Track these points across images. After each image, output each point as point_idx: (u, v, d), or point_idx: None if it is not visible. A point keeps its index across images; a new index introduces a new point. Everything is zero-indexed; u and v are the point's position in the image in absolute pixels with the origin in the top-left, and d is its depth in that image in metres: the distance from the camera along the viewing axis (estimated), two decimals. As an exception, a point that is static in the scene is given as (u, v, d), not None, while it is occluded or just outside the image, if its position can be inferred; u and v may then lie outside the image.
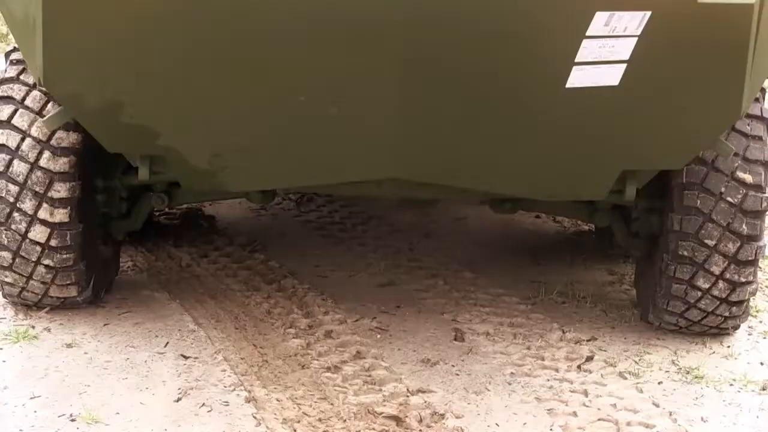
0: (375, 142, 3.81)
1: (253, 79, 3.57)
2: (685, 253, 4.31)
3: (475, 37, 3.37)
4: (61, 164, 4.17)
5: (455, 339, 4.51)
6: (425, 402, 3.91)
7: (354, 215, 6.14)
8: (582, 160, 3.94)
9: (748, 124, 4.27)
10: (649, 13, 3.30)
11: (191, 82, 3.59)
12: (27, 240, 4.23)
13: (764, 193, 4.25)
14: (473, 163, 3.96)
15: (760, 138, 4.28)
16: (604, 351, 4.50)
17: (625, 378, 4.24)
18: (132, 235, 5.12)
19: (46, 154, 4.15)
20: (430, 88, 3.54)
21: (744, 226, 4.24)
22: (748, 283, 4.38)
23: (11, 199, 4.17)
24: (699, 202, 4.25)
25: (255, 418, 3.74)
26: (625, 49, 3.41)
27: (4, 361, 4.13)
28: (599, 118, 3.70)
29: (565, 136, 3.78)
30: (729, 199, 4.23)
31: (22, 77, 4.25)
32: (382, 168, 3.97)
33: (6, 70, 4.33)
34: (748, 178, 4.23)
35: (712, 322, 4.54)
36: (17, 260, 4.28)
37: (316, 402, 3.87)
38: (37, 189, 4.15)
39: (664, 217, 4.48)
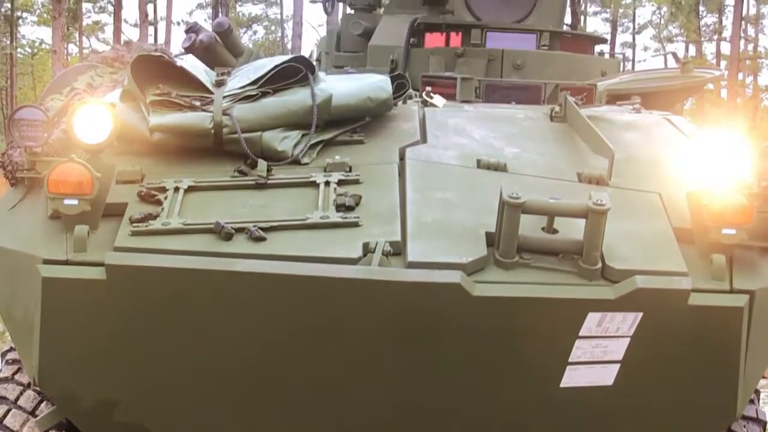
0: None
1: (250, 377, 3.58)
2: None
3: (471, 335, 3.41)
4: (50, 466, 4.10)
5: None
6: None
7: None
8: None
9: (744, 426, 4.24)
10: (640, 315, 3.35)
11: (186, 382, 3.60)
12: None
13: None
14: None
15: (757, 441, 4.25)
16: None
17: None
18: None
19: (36, 455, 4.10)
20: (427, 384, 3.55)
21: None
22: None
23: (-5, 505, 4.09)
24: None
25: None
26: (618, 349, 3.44)
27: None
28: (594, 417, 3.67)
29: (561, 436, 3.75)
30: (729, 505, 4.14)
31: (17, 377, 4.26)
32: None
33: (1, 370, 4.34)
34: (748, 482, 4.17)
35: None
36: None
37: None
38: (23, 492, 4.08)
39: None
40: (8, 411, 4.16)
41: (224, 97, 3.95)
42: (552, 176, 3.91)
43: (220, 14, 34.18)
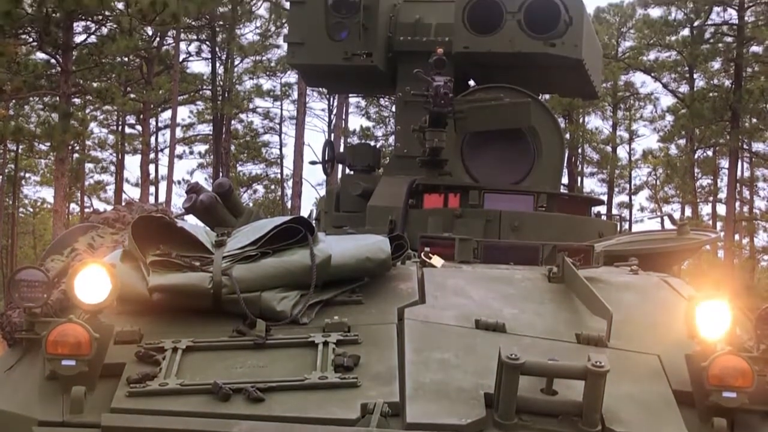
0: None
1: None
2: None
3: None
4: None
5: None
6: None
7: None
8: None
9: None
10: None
11: None
12: None
13: None
14: None
15: None
16: None
17: None
18: None
19: None
20: None
21: None
22: None
23: None
24: None
25: None
26: None
27: None
28: None
29: None
30: None
31: None
32: None
33: None
34: None
35: None
36: None
37: None
38: None
39: None
40: None
41: (224, 258, 3.98)
42: (550, 337, 3.91)
43: (220, 174, 34.55)
